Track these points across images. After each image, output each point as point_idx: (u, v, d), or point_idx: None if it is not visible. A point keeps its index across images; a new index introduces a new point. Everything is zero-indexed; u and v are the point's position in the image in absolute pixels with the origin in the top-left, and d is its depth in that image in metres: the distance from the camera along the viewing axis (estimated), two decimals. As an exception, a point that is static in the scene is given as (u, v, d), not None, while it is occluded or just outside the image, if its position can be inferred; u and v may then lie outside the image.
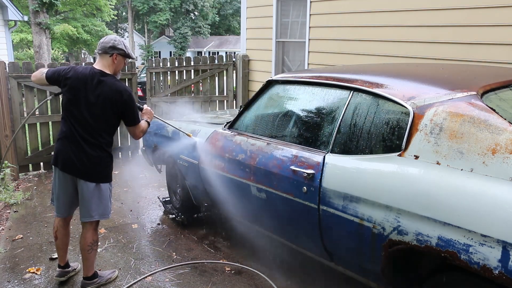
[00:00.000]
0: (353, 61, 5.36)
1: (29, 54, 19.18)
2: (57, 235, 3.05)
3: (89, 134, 2.80)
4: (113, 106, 2.81)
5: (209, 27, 41.46)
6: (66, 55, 26.68)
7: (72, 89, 2.81)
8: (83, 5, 24.21)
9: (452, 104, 2.10)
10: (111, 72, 2.89)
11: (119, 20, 45.37)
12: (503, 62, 3.93)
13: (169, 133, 4.04)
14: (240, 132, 3.26)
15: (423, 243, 1.96)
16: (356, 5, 5.33)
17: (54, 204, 3.02)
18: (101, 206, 2.92)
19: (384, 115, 2.35)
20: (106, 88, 2.81)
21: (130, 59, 3.02)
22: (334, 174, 2.41)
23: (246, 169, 3.00)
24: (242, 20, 7.49)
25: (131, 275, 3.25)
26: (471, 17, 4.18)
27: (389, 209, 2.09)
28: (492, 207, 1.75)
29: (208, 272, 3.31)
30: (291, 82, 3.11)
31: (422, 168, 2.04)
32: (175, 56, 24.97)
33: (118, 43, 2.89)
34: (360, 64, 4.48)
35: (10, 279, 3.20)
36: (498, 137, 1.88)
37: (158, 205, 4.71)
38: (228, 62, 7.23)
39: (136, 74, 6.69)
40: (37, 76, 3.02)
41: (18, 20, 13.25)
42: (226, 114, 4.75)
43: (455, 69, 3.06)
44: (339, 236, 2.43)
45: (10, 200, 4.71)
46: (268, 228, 3.13)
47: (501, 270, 1.71)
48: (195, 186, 3.79)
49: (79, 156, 2.79)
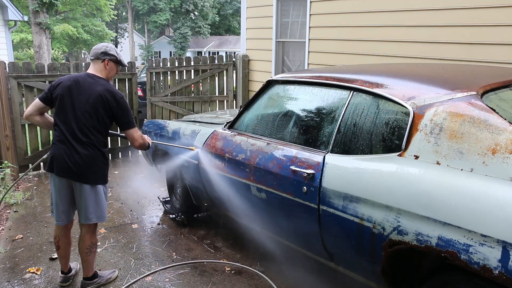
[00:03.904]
0: (353, 61, 5.36)
1: (29, 54, 19.19)
2: (59, 245, 3.02)
3: (80, 131, 2.77)
4: (105, 105, 2.81)
5: (209, 27, 41.46)
6: (66, 55, 26.68)
7: (59, 96, 2.83)
8: (83, 5, 24.23)
9: (452, 104, 2.10)
10: (103, 77, 2.93)
11: (119, 20, 45.37)
12: (503, 62, 3.93)
13: (169, 133, 4.04)
14: (240, 132, 3.26)
15: (423, 243, 1.96)
16: (356, 5, 5.33)
17: (53, 214, 2.98)
18: (98, 208, 2.91)
19: (384, 115, 2.34)
20: (100, 87, 2.82)
21: (121, 66, 3.04)
22: (334, 174, 2.41)
23: (246, 169, 3.00)
24: (242, 20, 7.49)
25: (131, 275, 3.25)
26: (471, 17, 4.18)
27: (389, 209, 2.09)
28: (492, 207, 1.75)
29: (208, 272, 3.31)
30: (291, 82, 3.11)
31: (422, 168, 2.04)
32: (175, 56, 24.97)
33: (110, 49, 2.93)
34: (360, 64, 4.48)
35: (10, 279, 3.20)
36: (498, 137, 1.88)
37: (158, 205, 4.71)
38: (228, 62, 7.23)
39: (136, 74, 6.69)
40: (32, 108, 2.91)
41: (18, 20, 13.23)
42: (226, 114, 4.75)
43: (455, 69, 3.05)
44: (339, 236, 2.43)
45: (10, 200, 4.71)
46: (268, 228, 3.13)
47: (501, 270, 1.71)
48: (195, 186, 3.79)
49: (72, 157, 2.77)
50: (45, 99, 2.90)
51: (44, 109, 2.94)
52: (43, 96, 2.91)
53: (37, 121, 2.98)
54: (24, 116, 2.99)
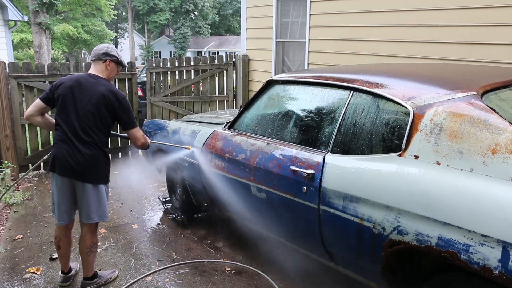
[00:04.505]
0: (353, 61, 5.36)
1: (29, 54, 19.18)
2: (60, 245, 3.02)
3: (82, 131, 2.78)
4: (107, 105, 2.82)
5: (209, 27, 41.45)
6: (66, 55, 26.68)
7: (61, 96, 2.83)
8: (83, 5, 24.23)
9: (452, 104, 2.10)
10: (104, 77, 2.94)
11: (119, 20, 45.38)
12: (503, 62, 3.93)
13: (169, 133, 4.04)
14: (240, 132, 3.26)
15: (423, 243, 1.96)
16: (356, 5, 5.33)
17: (54, 214, 2.98)
18: (100, 208, 2.91)
19: (384, 115, 2.34)
20: (102, 87, 2.83)
21: (122, 67, 3.06)
22: (334, 174, 2.41)
23: (246, 169, 3.00)
24: (242, 20, 7.49)
25: (131, 275, 3.25)
26: (471, 17, 4.18)
27: (389, 209, 2.09)
28: (492, 207, 1.75)
29: (208, 272, 3.31)
30: (291, 82, 3.11)
31: (422, 168, 2.04)
32: (175, 56, 24.98)
33: (111, 50, 2.95)
34: (360, 64, 4.48)
35: (10, 279, 3.20)
36: (498, 137, 1.88)
37: (158, 205, 4.71)
38: (228, 62, 7.23)
39: (136, 74, 6.70)
40: (33, 108, 2.91)
41: (18, 20, 13.23)
42: (226, 114, 4.75)
43: (455, 69, 3.05)
44: (339, 236, 2.43)
45: (10, 200, 4.71)
46: (268, 228, 3.13)
47: (501, 270, 1.71)
48: (195, 186, 3.79)
49: (75, 156, 2.77)
50: (46, 99, 2.90)
51: (45, 109, 2.94)
52: (44, 96, 2.91)
53: (38, 121, 2.98)
54: (25, 117, 2.99)
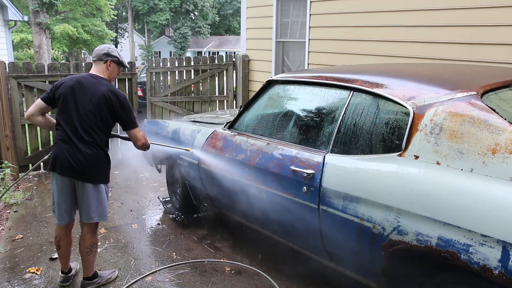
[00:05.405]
0: (353, 61, 5.36)
1: (29, 54, 19.17)
2: (60, 245, 3.02)
3: (83, 131, 2.78)
4: (108, 105, 2.82)
5: (209, 27, 41.43)
6: (66, 55, 26.66)
7: (62, 95, 2.83)
8: (83, 5, 24.21)
9: (452, 104, 2.10)
10: (105, 77, 2.94)
11: (119, 20, 45.34)
12: (503, 62, 3.93)
13: (169, 133, 4.04)
14: (240, 132, 3.26)
15: (423, 243, 1.96)
16: (356, 5, 5.32)
17: (55, 213, 2.98)
18: (100, 208, 2.91)
19: (384, 115, 2.34)
20: (103, 88, 2.84)
21: (123, 67, 3.06)
22: (334, 174, 2.41)
23: (246, 169, 3.00)
24: (242, 20, 7.49)
25: (131, 275, 3.25)
26: (471, 17, 4.18)
27: (389, 209, 2.09)
28: (492, 207, 1.75)
29: (208, 272, 3.31)
30: (291, 82, 3.11)
31: (422, 168, 2.04)
32: (175, 56, 24.97)
33: (112, 51, 2.96)
34: (360, 64, 4.48)
35: (10, 279, 3.20)
36: (498, 137, 1.88)
37: (158, 205, 4.71)
38: (228, 62, 7.23)
39: (136, 74, 6.70)
40: (34, 108, 2.91)
41: (18, 20, 13.23)
42: (226, 114, 4.75)
43: (455, 69, 3.06)
44: (339, 236, 2.43)
45: (10, 200, 4.71)
46: (268, 228, 3.13)
47: (501, 270, 1.71)
48: (195, 186, 3.79)
49: (76, 156, 2.77)
50: (47, 99, 2.90)
51: (46, 109, 2.94)
52: (45, 96, 2.91)
53: (39, 121, 2.98)
54: (26, 117, 2.99)
